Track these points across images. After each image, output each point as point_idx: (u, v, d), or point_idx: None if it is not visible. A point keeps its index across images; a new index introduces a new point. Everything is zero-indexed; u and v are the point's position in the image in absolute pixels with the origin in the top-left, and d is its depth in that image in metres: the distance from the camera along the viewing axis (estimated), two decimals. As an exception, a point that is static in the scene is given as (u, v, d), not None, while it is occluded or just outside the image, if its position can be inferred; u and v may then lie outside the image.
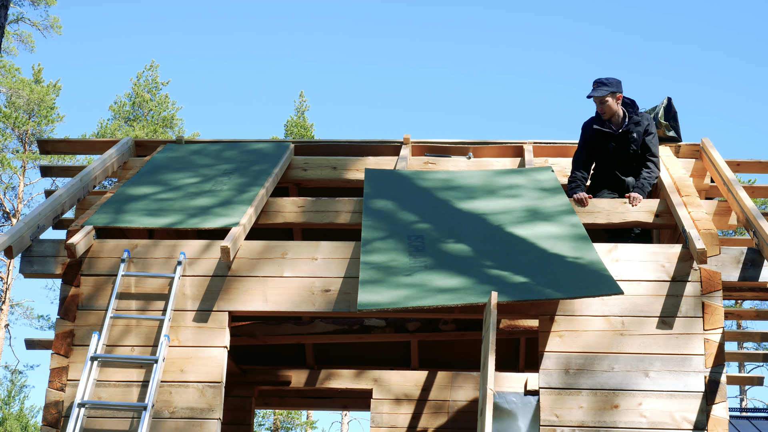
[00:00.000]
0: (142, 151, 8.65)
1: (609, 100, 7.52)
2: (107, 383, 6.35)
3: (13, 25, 29.69)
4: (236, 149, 8.49)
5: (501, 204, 7.26)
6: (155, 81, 33.66)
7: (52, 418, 6.34)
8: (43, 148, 9.02)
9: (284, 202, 7.25)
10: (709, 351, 6.27)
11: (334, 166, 8.25)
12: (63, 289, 6.65)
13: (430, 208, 7.19)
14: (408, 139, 8.58)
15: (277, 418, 31.48)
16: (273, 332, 8.92)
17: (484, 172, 8.01)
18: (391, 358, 9.84)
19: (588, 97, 7.55)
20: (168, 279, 6.59)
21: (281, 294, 6.56)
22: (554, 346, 6.36)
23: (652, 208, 7.16)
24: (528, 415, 8.99)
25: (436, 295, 6.02)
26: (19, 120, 29.64)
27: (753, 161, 8.27)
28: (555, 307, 6.42)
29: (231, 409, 9.17)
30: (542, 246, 6.57)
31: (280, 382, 9.49)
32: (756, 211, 6.74)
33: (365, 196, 7.32)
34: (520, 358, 9.68)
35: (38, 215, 6.88)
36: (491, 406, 5.41)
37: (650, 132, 7.56)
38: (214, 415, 6.30)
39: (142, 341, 6.46)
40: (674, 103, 8.28)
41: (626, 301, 6.39)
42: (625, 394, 6.22)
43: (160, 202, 7.19)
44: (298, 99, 34.64)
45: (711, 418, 6.14)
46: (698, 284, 6.41)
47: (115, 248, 6.74)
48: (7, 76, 29.85)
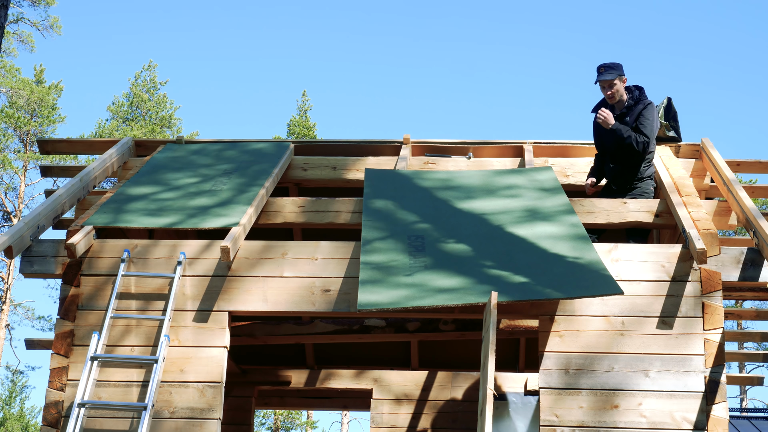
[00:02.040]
0: (142, 151, 8.65)
1: (617, 83, 7.55)
2: (107, 383, 6.35)
3: (13, 25, 29.69)
4: (236, 149, 8.49)
5: (501, 204, 7.26)
6: (153, 81, 33.66)
7: (52, 418, 6.34)
8: (44, 148, 9.02)
9: (284, 202, 7.25)
10: (709, 351, 6.26)
11: (334, 166, 8.25)
12: (63, 289, 6.65)
13: (430, 208, 7.19)
14: (408, 139, 8.58)
15: (277, 418, 31.49)
16: (273, 332, 8.92)
17: (483, 172, 8.01)
18: (391, 358, 9.84)
19: (596, 82, 7.55)
20: (168, 279, 6.59)
21: (281, 294, 6.56)
22: (554, 346, 6.36)
23: (652, 208, 7.16)
24: (528, 415, 8.99)
25: (436, 295, 6.01)
26: (20, 120, 29.64)
27: (753, 161, 8.26)
28: (555, 307, 6.41)
29: (231, 409, 9.17)
30: (542, 246, 6.57)
31: (280, 382, 9.49)
32: (756, 211, 6.74)
33: (365, 196, 7.32)
34: (520, 358, 9.68)
35: (38, 215, 6.88)
36: (491, 406, 5.41)
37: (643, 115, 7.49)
38: (214, 415, 6.30)
39: (142, 341, 6.46)
40: (674, 103, 8.28)
41: (626, 301, 6.39)
42: (625, 394, 6.22)
43: (160, 202, 7.19)
44: (301, 98, 34.64)
45: (711, 418, 6.14)
46: (698, 284, 6.40)
47: (115, 248, 6.74)
48: (7, 76, 29.85)
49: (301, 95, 35.19)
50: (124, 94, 33.27)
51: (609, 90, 7.55)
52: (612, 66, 7.54)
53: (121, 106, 32.86)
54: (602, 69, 7.55)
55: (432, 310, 7.42)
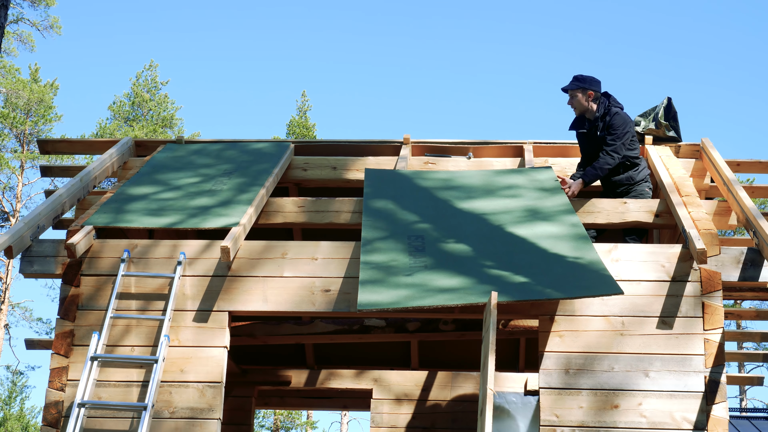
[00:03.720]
0: (142, 151, 8.64)
1: (578, 95, 7.65)
2: (107, 383, 6.35)
3: (13, 25, 29.69)
4: (236, 149, 8.49)
5: (501, 204, 7.26)
6: (154, 81, 33.66)
7: (52, 418, 6.34)
8: (43, 148, 9.02)
9: (284, 202, 7.25)
10: (709, 351, 6.26)
11: (334, 166, 8.25)
12: (63, 289, 6.64)
13: (430, 208, 7.19)
14: (408, 139, 8.58)
15: (277, 418, 31.48)
16: (273, 332, 8.92)
17: (483, 172, 8.01)
18: (391, 358, 9.84)
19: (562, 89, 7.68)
20: (168, 279, 6.59)
21: (281, 294, 6.56)
22: (554, 346, 6.35)
23: (652, 208, 7.15)
24: (528, 415, 8.98)
25: (436, 295, 6.01)
26: (17, 120, 29.63)
27: (753, 161, 8.26)
28: (555, 307, 6.41)
29: (231, 409, 9.17)
30: (542, 246, 6.57)
31: (280, 382, 9.48)
32: (756, 211, 6.74)
33: (365, 195, 7.32)
34: (520, 358, 9.68)
35: (38, 215, 6.88)
36: (491, 406, 5.41)
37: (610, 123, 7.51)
38: (214, 415, 6.30)
39: (142, 341, 6.46)
40: (674, 103, 8.28)
41: (626, 301, 6.39)
42: (625, 394, 6.21)
43: (161, 202, 7.19)
44: (301, 99, 34.62)
45: (711, 418, 6.14)
46: (698, 284, 6.40)
47: (115, 248, 6.74)
48: (6, 76, 29.85)
49: (301, 96, 35.19)
50: (125, 93, 33.28)
51: (569, 101, 7.67)
52: (580, 78, 7.68)
53: (123, 106, 32.85)
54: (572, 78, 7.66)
55: (432, 310, 7.42)
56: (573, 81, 7.68)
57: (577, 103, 7.66)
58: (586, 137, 7.71)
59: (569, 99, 7.70)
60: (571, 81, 7.69)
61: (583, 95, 7.63)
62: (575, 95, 7.65)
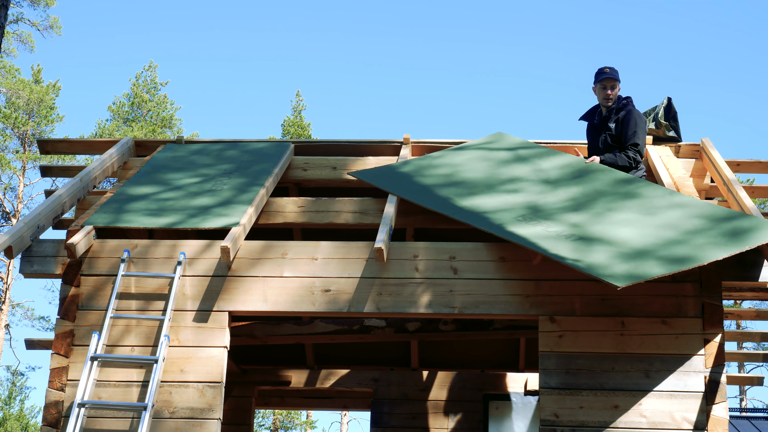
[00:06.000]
0: (142, 151, 8.64)
1: (618, 86, 7.63)
2: (107, 383, 6.35)
3: (13, 25, 29.70)
4: (236, 149, 8.49)
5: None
6: (154, 81, 33.67)
7: (52, 418, 6.34)
8: (43, 148, 9.01)
9: (284, 202, 7.25)
10: (709, 351, 6.26)
11: (334, 166, 8.24)
12: (63, 289, 6.64)
13: None
14: (408, 139, 8.57)
15: (277, 418, 31.49)
16: (273, 332, 8.92)
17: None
18: (391, 358, 9.84)
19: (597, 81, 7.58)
20: (168, 279, 6.59)
21: (281, 294, 6.56)
22: (554, 346, 6.35)
23: (652, 208, 7.14)
24: (528, 415, 8.99)
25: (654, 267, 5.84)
26: (18, 120, 29.64)
27: (753, 161, 8.25)
28: (556, 307, 6.41)
29: (231, 409, 9.18)
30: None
31: (280, 382, 9.49)
32: (756, 211, 6.73)
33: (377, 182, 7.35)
34: (520, 358, 9.67)
35: (38, 215, 6.87)
36: None
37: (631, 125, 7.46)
38: (214, 415, 6.30)
39: (142, 341, 6.46)
40: (674, 103, 8.28)
41: (626, 300, 6.39)
42: (625, 394, 6.21)
43: (161, 202, 7.18)
44: (295, 98, 34.67)
45: (711, 418, 6.14)
46: (698, 284, 6.40)
47: (115, 248, 6.74)
48: (7, 76, 29.85)
49: (295, 95, 35.23)
50: (124, 94, 33.29)
51: (611, 91, 7.58)
52: (615, 69, 7.63)
53: (122, 106, 32.86)
54: (607, 69, 7.61)
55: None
56: (614, 72, 7.62)
57: (616, 93, 7.64)
58: (594, 129, 7.67)
59: (611, 88, 7.59)
60: (611, 71, 7.62)
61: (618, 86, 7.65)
62: (617, 86, 7.62)
